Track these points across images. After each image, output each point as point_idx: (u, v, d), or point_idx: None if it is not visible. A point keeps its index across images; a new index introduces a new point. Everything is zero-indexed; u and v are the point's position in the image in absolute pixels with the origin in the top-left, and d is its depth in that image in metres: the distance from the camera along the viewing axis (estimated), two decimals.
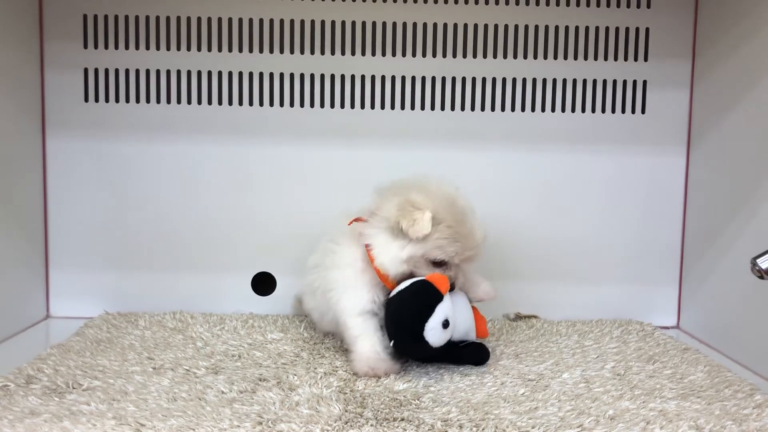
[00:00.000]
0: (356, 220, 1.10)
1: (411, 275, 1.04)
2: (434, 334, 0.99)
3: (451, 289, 1.03)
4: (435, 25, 1.30)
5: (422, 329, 0.98)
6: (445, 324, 0.99)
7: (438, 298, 0.99)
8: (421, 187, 1.05)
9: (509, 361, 1.09)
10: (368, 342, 1.03)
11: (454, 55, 1.31)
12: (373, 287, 1.06)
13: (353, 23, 1.30)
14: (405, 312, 1.00)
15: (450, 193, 1.06)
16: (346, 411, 0.86)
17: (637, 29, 1.31)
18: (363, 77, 1.31)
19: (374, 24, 1.30)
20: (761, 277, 0.80)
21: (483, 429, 0.81)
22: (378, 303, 1.06)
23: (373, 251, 1.04)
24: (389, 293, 1.04)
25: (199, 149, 1.31)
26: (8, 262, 1.20)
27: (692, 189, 1.33)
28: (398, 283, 1.04)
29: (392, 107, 1.31)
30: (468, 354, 1.06)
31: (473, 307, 1.08)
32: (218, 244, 1.33)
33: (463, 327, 1.05)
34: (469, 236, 1.03)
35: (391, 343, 1.01)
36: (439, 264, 1.03)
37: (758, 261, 0.80)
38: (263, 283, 1.35)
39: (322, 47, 1.30)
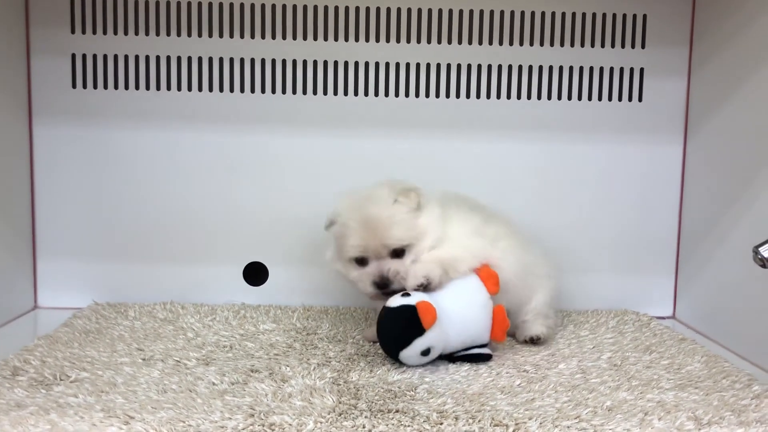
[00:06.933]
0: None
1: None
2: (410, 359, 0.98)
3: (386, 286, 1.01)
4: (430, 11, 1.28)
5: (397, 354, 0.97)
6: (425, 352, 0.97)
7: (418, 331, 0.95)
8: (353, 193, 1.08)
9: (505, 351, 1.07)
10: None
11: (449, 42, 1.29)
12: None
13: (347, 8, 1.27)
14: (383, 334, 0.99)
15: (367, 192, 1.06)
16: (340, 402, 0.85)
17: (635, 16, 1.29)
18: (357, 63, 1.29)
19: (368, 9, 1.27)
20: (763, 266, 0.79)
21: (479, 420, 0.80)
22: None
23: None
24: None
25: (190, 136, 1.29)
26: None
27: (689, 178, 1.32)
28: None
29: (386, 95, 1.30)
30: (465, 359, 1.01)
31: (499, 308, 1.03)
32: (210, 233, 1.31)
33: (468, 335, 1.00)
34: (363, 224, 1.02)
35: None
36: (360, 262, 1.04)
37: (761, 249, 0.79)
38: (255, 273, 1.33)
39: (315, 33, 1.28)
